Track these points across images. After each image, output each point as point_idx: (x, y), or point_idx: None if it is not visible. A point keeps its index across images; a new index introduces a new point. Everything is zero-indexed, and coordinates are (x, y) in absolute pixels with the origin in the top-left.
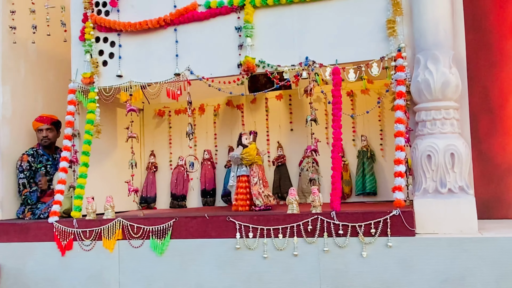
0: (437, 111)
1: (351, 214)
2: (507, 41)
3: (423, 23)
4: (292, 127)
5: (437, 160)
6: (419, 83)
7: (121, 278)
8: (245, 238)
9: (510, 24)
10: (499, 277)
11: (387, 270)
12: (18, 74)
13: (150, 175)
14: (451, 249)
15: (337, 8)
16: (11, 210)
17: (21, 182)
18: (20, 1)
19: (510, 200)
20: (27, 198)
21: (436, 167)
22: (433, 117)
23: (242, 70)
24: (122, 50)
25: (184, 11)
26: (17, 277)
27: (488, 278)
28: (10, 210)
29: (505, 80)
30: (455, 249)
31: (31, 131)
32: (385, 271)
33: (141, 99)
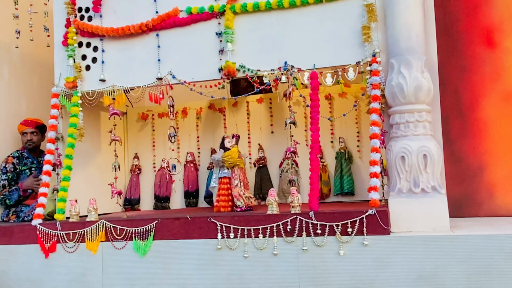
0: (410, 114)
1: (329, 214)
2: (477, 46)
3: (397, 29)
4: (273, 129)
5: (410, 161)
6: (393, 87)
7: (105, 279)
8: (226, 238)
9: (480, 30)
10: (470, 274)
11: (364, 268)
12: (2, 78)
13: (134, 177)
14: (425, 247)
15: (314, 15)
16: None
17: (2, 183)
18: (3, 6)
19: (480, 199)
20: (5, 198)
21: (410, 167)
22: (406, 120)
23: (223, 75)
24: (105, 54)
25: (166, 16)
26: (1, 280)
27: (460, 274)
28: None
29: (476, 84)
30: (428, 247)
31: (15, 134)
32: (362, 268)
33: (124, 103)
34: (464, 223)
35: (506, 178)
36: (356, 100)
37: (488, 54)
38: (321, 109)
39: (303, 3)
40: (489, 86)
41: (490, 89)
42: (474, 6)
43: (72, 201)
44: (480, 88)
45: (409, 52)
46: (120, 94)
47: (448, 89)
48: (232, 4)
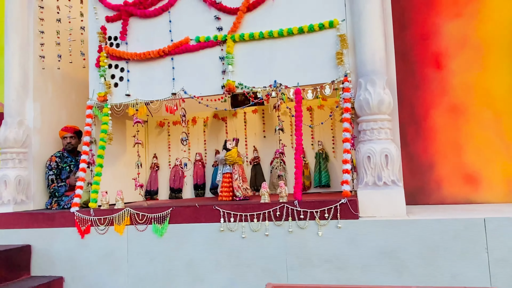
0: (374, 123)
1: (310, 202)
2: (427, 68)
3: (363, 55)
4: (265, 134)
5: (375, 160)
6: (361, 101)
7: (129, 256)
8: (228, 222)
9: (430, 55)
10: (421, 250)
11: (337, 246)
12: (46, 93)
13: (153, 173)
14: (386, 229)
15: (298, 42)
16: (40, 202)
17: (50, 178)
18: (48, 36)
19: (430, 190)
20: (55, 191)
21: (374, 165)
22: (371, 127)
23: (225, 91)
24: (130, 74)
25: (179, 44)
26: (45, 256)
27: (413, 250)
28: (40, 202)
29: (426, 99)
30: (388, 229)
31: (56, 139)
32: (335, 246)
33: (145, 113)
34: (417, 210)
35: (450, 173)
36: (331, 111)
37: (436, 75)
38: (303, 118)
39: (289, 33)
40: (437, 100)
41: (438, 103)
42: (425, 36)
43: (103, 192)
44: (430, 101)
45: (374, 73)
46: (142, 106)
47: (405, 103)
48: (232, 34)
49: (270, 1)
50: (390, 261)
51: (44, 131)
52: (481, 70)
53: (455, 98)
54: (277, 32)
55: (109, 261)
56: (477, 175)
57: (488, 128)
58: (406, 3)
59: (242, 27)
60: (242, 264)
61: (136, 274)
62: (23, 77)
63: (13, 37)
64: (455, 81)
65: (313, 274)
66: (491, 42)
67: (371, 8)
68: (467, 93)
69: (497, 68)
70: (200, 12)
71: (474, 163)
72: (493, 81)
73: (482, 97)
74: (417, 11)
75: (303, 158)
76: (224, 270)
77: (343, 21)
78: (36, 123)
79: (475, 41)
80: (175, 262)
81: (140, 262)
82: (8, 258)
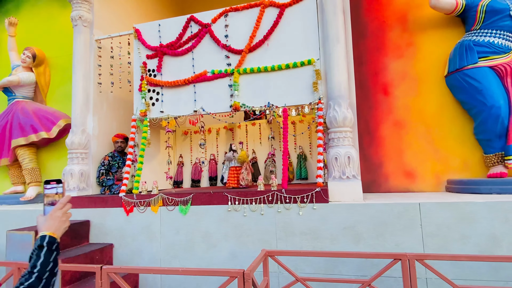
0: (340, 133)
1: (293, 190)
2: (378, 94)
3: (332, 84)
4: (261, 141)
5: (340, 160)
6: (330, 117)
7: (161, 228)
8: (233, 204)
9: (380, 85)
10: (374, 226)
11: (313, 222)
12: (102, 110)
13: (179, 168)
14: (348, 210)
15: (285, 74)
16: (96, 189)
17: (101, 171)
18: (104, 68)
19: (380, 182)
20: (103, 182)
21: (340, 164)
22: (338, 136)
23: (232, 109)
24: (163, 96)
25: (199, 75)
26: (100, 229)
27: (368, 226)
28: (96, 189)
29: (377, 116)
30: (350, 210)
31: (108, 143)
32: (312, 222)
33: (174, 125)
34: (371, 196)
35: (394, 170)
36: (309, 124)
37: (384, 99)
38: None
39: (279, 68)
40: (385, 117)
41: (386, 119)
42: (377, 71)
43: (142, 182)
44: (380, 118)
45: (340, 97)
46: (171, 120)
47: (362, 119)
48: (238, 68)
49: (265, 45)
50: (351, 234)
51: (100, 137)
52: (417, 96)
53: (398, 116)
54: (270, 67)
55: (147, 233)
56: (413, 171)
57: (421, 137)
58: (363, 47)
59: (245, 63)
60: (243, 235)
61: (166, 242)
62: (85, 98)
63: (79, 69)
64: (398, 104)
65: (295, 242)
66: (424, 76)
67: (338, 50)
68: (406, 112)
69: (428, 94)
70: (214, 52)
71: (411, 163)
72: (425, 103)
73: (417, 115)
74: (371, 53)
75: (288, 158)
76: (230, 239)
77: (318, 60)
78: (94, 131)
79: (412, 75)
80: (195, 233)
81: (169, 233)
82: (73, 230)
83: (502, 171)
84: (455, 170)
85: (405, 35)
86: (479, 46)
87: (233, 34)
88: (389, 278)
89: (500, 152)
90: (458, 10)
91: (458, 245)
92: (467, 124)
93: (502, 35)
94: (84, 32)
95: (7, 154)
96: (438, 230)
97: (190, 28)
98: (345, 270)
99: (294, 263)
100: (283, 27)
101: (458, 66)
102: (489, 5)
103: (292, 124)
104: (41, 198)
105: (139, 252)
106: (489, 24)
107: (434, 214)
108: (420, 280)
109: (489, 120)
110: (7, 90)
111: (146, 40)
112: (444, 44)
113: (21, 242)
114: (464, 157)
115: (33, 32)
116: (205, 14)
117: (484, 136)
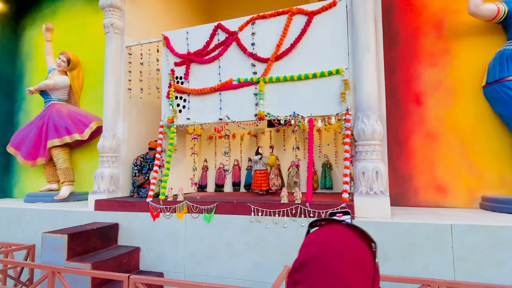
0: (368, 146)
1: (317, 204)
2: (410, 104)
3: (361, 95)
4: (285, 148)
5: (368, 175)
6: (358, 130)
7: (186, 235)
8: (256, 215)
9: (412, 95)
10: (401, 245)
11: None
12: (131, 115)
13: (204, 172)
14: (375, 228)
15: (312, 84)
16: (125, 191)
17: (134, 171)
18: (134, 74)
19: (409, 196)
20: (134, 183)
21: (367, 179)
22: (366, 150)
23: (257, 118)
24: (190, 104)
25: (225, 83)
26: (128, 232)
27: (395, 245)
28: (125, 191)
29: (408, 126)
30: (377, 228)
31: (138, 147)
32: None
33: (200, 131)
34: (399, 211)
35: (425, 184)
36: (335, 134)
37: (416, 109)
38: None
39: (305, 77)
40: (416, 128)
41: (417, 130)
42: (409, 79)
43: (169, 188)
44: (411, 129)
45: (369, 109)
46: (197, 127)
47: (391, 129)
48: (263, 77)
49: (292, 54)
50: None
51: (129, 141)
52: (451, 107)
53: (430, 127)
54: (297, 76)
55: (172, 238)
56: (445, 186)
57: (455, 150)
58: (394, 54)
59: (271, 72)
60: (266, 247)
61: (190, 249)
62: (116, 104)
63: (110, 75)
64: (430, 114)
65: None
66: (459, 86)
67: (368, 60)
68: (439, 124)
69: (463, 105)
70: (241, 61)
71: (443, 176)
72: (460, 115)
73: (451, 127)
74: (403, 61)
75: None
76: (253, 250)
77: (347, 69)
78: (124, 135)
79: (447, 84)
80: (218, 242)
81: (193, 240)
82: (103, 232)
83: None
84: (491, 186)
85: (440, 43)
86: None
87: (260, 42)
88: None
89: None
90: (500, 17)
91: (492, 272)
92: (505, 138)
93: None
94: (116, 39)
95: (43, 154)
96: (470, 254)
97: (217, 36)
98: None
99: None
100: (311, 35)
101: (498, 77)
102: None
103: (318, 131)
104: (73, 197)
105: (164, 256)
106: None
107: (467, 237)
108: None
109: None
110: (43, 92)
111: (174, 48)
112: (483, 52)
113: (55, 244)
114: (501, 173)
115: (68, 37)
116: (232, 21)
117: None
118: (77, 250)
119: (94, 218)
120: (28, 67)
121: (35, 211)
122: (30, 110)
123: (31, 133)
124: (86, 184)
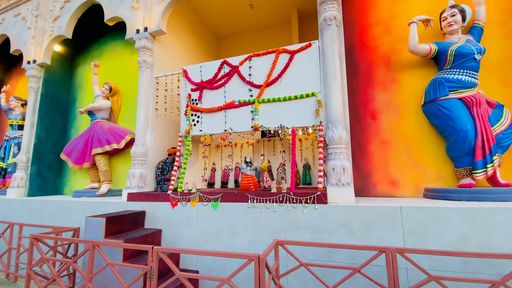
0: (336, 149)
1: (299, 193)
2: (368, 119)
3: (331, 110)
4: (274, 153)
5: (337, 170)
6: (329, 137)
7: (198, 219)
8: (252, 202)
9: (369, 112)
10: (363, 223)
11: (315, 219)
12: (157, 129)
13: (212, 173)
14: (343, 210)
15: (294, 103)
16: (151, 187)
17: (157, 173)
18: (160, 97)
19: (369, 189)
20: (158, 182)
21: (336, 173)
22: (335, 151)
23: (253, 129)
24: (202, 119)
25: (229, 103)
26: (152, 217)
27: (359, 223)
28: (151, 187)
29: (366, 136)
30: (344, 210)
31: (162, 153)
32: (314, 219)
33: (210, 140)
34: (362, 200)
35: (381, 179)
36: (312, 142)
37: (373, 123)
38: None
39: (289, 98)
40: (373, 137)
41: (374, 139)
42: (367, 101)
43: (185, 183)
44: (369, 138)
45: (336, 121)
46: (208, 136)
47: (355, 138)
48: (258, 99)
49: (279, 82)
50: (345, 229)
51: (155, 149)
52: (399, 121)
53: (384, 136)
54: (282, 98)
55: (186, 222)
56: (397, 180)
57: (403, 153)
58: (356, 83)
59: (263, 95)
60: (259, 227)
61: (201, 230)
62: (146, 120)
63: (142, 99)
64: (383, 126)
65: (300, 235)
66: (405, 105)
67: (335, 85)
68: (390, 133)
69: (408, 119)
70: (241, 87)
71: (395, 173)
72: (406, 127)
73: (400, 136)
74: (362, 87)
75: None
76: (249, 230)
77: (320, 92)
78: (151, 144)
79: (395, 104)
80: (223, 224)
81: (203, 223)
82: (133, 217)
83: (470, 182)
84: (431, 180)
85: (389, 73)
86: (449, 82)
87: (255, 73)
88: (376, 267)
89: (468, 167)
90: (432, 54)
91: (433, 242)
92: (440, 143)
93: (468, 74)
94: (147, 72)
95: (88, 160)
96: (416, 229)
97: (223, 69)
98: (340, 259)
99: (299, 251)
100: (293, 68)
101: (432, 98)
102: (457, 50)
103: (299, 140)
104: (111, 193)
105: (181, 236)
106: (457, 65)
107: (413, 216)
108: (401, 269)
109: (458, 141)
110: (90, 113)
111: (191, 78)
112: (421, 80)
113: (95, 226)
114: (438, 170)
115: (110, 71)
116: (234, 58)
117: (455, 154)
118: (113, 230)
119: (127, 207)
120: (79, 95)
121: (80, 203)
122: (79, 126)
123: (80, 144)
124: (120, 183)
